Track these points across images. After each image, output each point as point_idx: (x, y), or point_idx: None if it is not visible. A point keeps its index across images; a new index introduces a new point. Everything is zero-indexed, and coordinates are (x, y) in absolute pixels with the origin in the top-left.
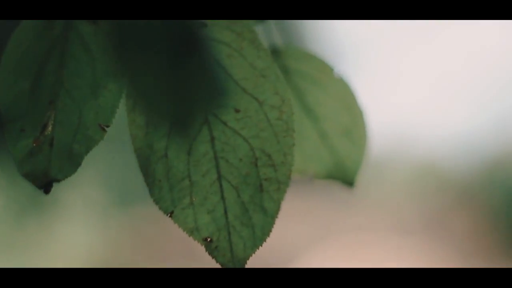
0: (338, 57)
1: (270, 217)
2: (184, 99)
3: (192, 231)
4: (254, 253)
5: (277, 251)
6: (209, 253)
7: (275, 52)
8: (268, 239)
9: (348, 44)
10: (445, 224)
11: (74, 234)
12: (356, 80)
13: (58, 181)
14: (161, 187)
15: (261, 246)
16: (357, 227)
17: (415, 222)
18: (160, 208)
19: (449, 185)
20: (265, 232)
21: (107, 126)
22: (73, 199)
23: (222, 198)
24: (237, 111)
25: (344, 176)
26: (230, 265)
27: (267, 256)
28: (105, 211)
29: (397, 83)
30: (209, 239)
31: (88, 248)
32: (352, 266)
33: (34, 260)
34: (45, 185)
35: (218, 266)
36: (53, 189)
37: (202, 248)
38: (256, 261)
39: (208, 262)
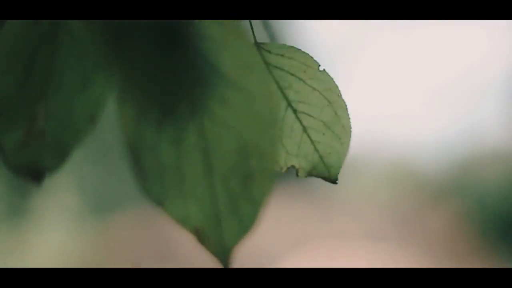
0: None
1: (258, 206)
2: (173, 91)
3: (183, 221)
4: (242, 241)
5: (256, 255)
6: (200, 242)
7: (258, 47)
8: (247, 245)
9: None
10: (419, 226)
11: (48, 240)
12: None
13: (49, 172)
14: (151, 178)
15: (249, 234)
16: (333, 232)
17: (389, 226)
18: (150, 199)
19: (422, 186)
20: (253, 220)
21: (97, 118)
22: (47, 205)
23: (212, 187)
24: (225, 102)
25: (327, 173)
26: (220, 254)
27: (246, 259)
28: (80, 217)
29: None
30: (199, 229)
31: (62, 253)
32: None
33: (7, 265)
34: (36, 177)
35: (197, 266)
36: (28, 196)
37: (177, 251)
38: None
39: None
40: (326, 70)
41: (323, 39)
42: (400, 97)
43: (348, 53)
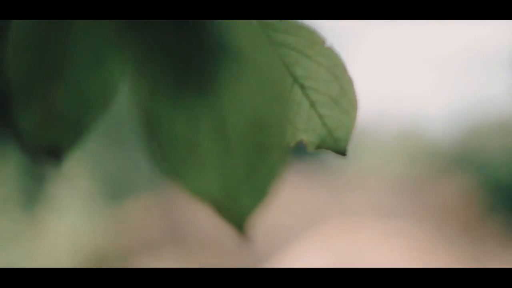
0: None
1: (273, 176)
2: (186, 65)
3: (199, 192)
4: (258, 210)
5: (273, 234)
6: (216, 212)
7: (264, 24)
8: (261, 226)
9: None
10: (431, 200)
11: (63, 225)
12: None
13: (67, 151)
14: (167, 151)
15: (265, 203)
16: (346, 210)
17: (401, 201)
18: (166, 172)
19: (432, 158)
20: (268, 190)
21: (112, 96)
22: (63, 191)
23: (227, 158)
24: (235, 76)
25: (336, 145)
26: (236, 222)
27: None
28: (96, 202)
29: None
30: (215, 199)
31: (77, 237)
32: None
33: (25, 251)
34: (56, 156)
35: (209, 248)
36: (43, 182)
37: (190, 236)
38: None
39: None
40: (334, 46)
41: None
42: (409, 71)
43: (357, 28)
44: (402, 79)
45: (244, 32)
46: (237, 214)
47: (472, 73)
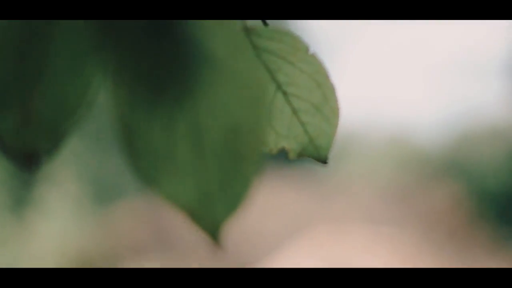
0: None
1: (248, 184)
2: (163, 73)
3: (174, 199)
4: (232, 217)
5: (256, 244)
6: (191, 219)
7: (248, 30)
8: (248, 232)
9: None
10: (417, 207)
11: (50, 228)
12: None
13: (45, 158)
14: (143, 158)
15: (239, 211)
16: (332, 217)
17: (388, 208)
18: (142, 179)
19: (419, 165)
20: (243, 198)
21: (92, 102)
22: (49, 194)
23: (203, 166)
24: (214, 84)
25: (317, 153)
26: (210, 229)
27: (248, 248)
28: (83, 206)
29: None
30: (190, 206)
31: (63, 240)
32: (330, 257)
33: (12, 253)
34: (32, 163)
35: (195, 251)
36: (30, 185)
37: (177, 240)
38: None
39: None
40: (325, 51)
41: (321, 21)
42: (399, 77)
43: (347, 33)
44: (391, 85)
45: (224, 39)
46: (211, 222)
47: (463, 81)
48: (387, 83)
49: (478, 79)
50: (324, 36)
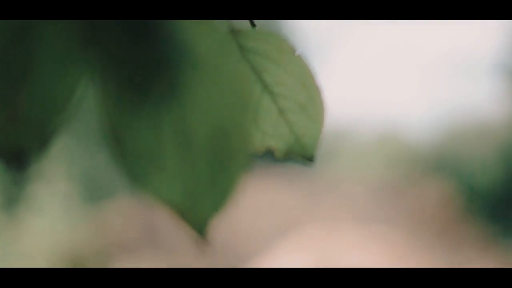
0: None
1: (234, 181)
2: (148, 73)
3: (161, 197)
4: (218, 214)
5: (246, 242)
6: (178, 216)
7: (234, 31)
8: (238, 231)
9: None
10: (406, 205)
11: (41, 226)
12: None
13: (32, 156)
14: (130, 157)
15: (225, 208)
16: (322, 216)
17: (377, 207)
18: (129, 177)
19: (409, 163)
20: (229, 195)
21: (79, 103)
22: (41, 193)
23: (190, 165)
24: (199, 84)
25: (303, 152)
26: (197, 226)
27: (238, 247)
28: (73, 204)
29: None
30: (177, 203)
31: (54, 239)
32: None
33: (2, 251)
34: (19, 160)
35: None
36: (21, 184)
37: (167, 239)
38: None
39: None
40: (316, 49)
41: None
42: (389, 75)
43: (337, 32)
44: (382, 84)
45: (210, 39)
46: (197, 219)
47: (453, 79)
48: (378, 82)
49: (468, 78)
50: (315, 34)
